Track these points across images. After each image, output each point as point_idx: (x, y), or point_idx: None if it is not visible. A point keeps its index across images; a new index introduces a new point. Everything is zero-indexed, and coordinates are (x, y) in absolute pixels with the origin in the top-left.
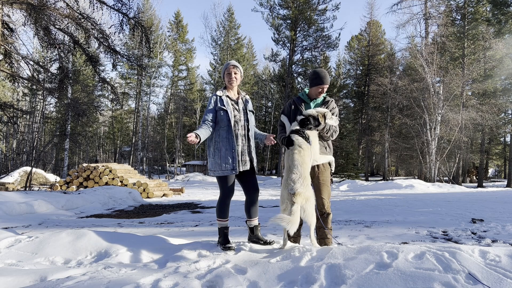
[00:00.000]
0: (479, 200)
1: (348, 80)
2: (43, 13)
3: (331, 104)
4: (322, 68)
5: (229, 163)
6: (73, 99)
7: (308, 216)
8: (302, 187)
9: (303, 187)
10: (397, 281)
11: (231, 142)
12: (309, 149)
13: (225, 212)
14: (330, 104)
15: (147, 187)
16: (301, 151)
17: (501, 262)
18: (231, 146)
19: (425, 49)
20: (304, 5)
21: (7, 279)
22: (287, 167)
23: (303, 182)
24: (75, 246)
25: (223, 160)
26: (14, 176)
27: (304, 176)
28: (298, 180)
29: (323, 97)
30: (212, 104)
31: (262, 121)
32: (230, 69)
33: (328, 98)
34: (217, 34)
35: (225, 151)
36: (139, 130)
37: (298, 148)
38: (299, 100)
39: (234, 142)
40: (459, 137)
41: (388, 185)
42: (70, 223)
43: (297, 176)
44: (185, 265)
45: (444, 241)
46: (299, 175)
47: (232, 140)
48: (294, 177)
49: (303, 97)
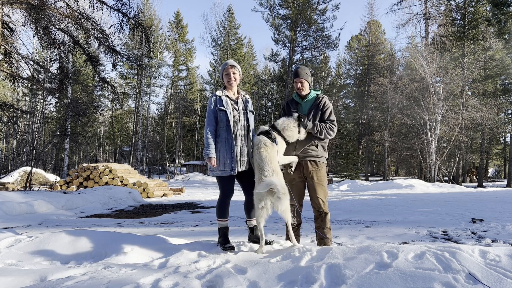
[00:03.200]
0: (479, 200)
1: (348, 80)
2: (43, 13)
3: (322, 100)
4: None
5: (228, 163)
6: (73, 99)
7: (285, 212)
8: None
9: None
10: (397, 281)
11: (230, 143)
12: (274, 147)
13: (225, 212)
14: (321, 101)
15: (147, 187)
16: (267, 148)
17: (501, 262)
18: (230, 147)
19: (425, 49)
20: (304, 5)
21: (7, 279)
22: (257, 166)
23: (278, 177)
24: (75, 246)
25: (222, 161)
26: (14, 176)
27: (276, 171)
28: (272, 176)
29: (315, 95)
30: (212, 104)
31: (262, 121)
32: (229, 69)
33: (320, 95)
34: (217, 34)
35: (224, 152)
36: (139, 130)
37: (264, 146)
38: (292, 101)
39: (233, 142)
40: (459, 137)
41: (388, 185)
42: (70, 223)
43: (269, 173)
44: (185, 265)
45: (444, 241)
46: (271, 172)
47: (231, 140)
48: (267, 174)
49: (296, 98)
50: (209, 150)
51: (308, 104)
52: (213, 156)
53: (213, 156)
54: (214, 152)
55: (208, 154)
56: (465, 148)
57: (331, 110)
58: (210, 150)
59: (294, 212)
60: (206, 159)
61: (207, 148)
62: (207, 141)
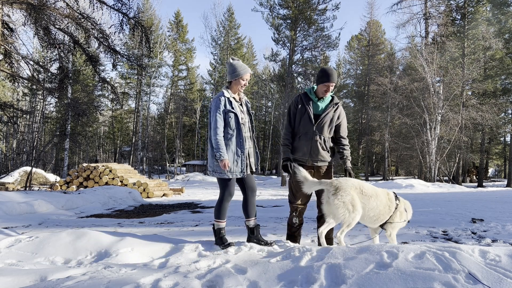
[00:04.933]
0: (479, 199)
1: (348, 80)
2: (43, 13)
3: (340, 108)
4: (330, 67)
5: (238, 166)
6: (73, 99)
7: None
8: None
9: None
10: (397, 281)
11: (241, 145)
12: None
13: (224, 213)
14: (339, 108)
15: (147, 187)
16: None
17: (501, 262)
18: (241, 149)
19: (425, 49)
20: (304, 5)
21: (7, 279)
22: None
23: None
24: (75, 246)
25: (233, 163)
26: (14, 176)
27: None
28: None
29: (331, 97)
30: (222, 105)
31: (262, 121)
32: (248, 76)
33: (336, 100)
34: (217, 34)
35: (233, 154)
36: (139, 130)
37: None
38: (307, 98)
39: (244, 145)
40: (459, 137)
41: (388, 185)
42: (70, 223)
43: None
44: (185, 265)
45: (444, 240)
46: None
47: (242, 143)
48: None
49: (311, 95)
50: (222, 153)
51: (323, 104)
52: (226, 158)
53: (226, 159)
54: (226, 155)
55: (221, 157)
56: (465, 148)
57: (344, 119)
58: (223, 152)
59: (297, 212)
60: (219, 161)
61: (219, 150)
62: (217, 143)
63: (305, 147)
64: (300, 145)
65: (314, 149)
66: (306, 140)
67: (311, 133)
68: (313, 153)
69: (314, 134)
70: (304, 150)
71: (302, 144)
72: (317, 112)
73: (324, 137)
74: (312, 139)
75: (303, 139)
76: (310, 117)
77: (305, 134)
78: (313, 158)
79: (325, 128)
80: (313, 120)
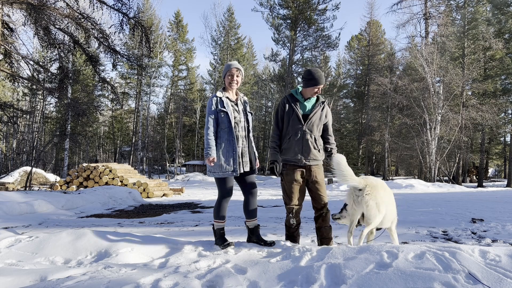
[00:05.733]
0: (479, 200)
1: (348, 80)
2: (43, 13)
3: (326, 107)
4: (316, 68)
5: (230, 164)
6: (73, 99)
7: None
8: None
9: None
10: (397, 281)
11: (232, 144)
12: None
13: (223, 214)
14: (325, 107)
15: (147, 187)
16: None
17: (501, 262)
18: (232, 148)
19: (425, 49)
20: (304, 5)
21: (7, 279)
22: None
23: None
24: (75, 246)
25: (224, 162)
26: (14, 176)
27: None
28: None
29: (317, 96)
30: (213, 105)
31: (262, 121)
32: (233, 71)
33: (322, 99)
34: (217, 34)
35: (226, 153)
36: (139, 130)
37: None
38: (293, 99)
39: (235, 144)
40: (459, 137)
41: (388, 185)
42: (70, 223)
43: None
44: (185, 265)
45: (444, 240)
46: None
47: (233, 142)
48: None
49: (297, 95)
50: (210, 151)
51: (309, 104)
52: (214, 156)
53: (213, 157)
54: (214, 153)
55: (209, 154)
56: (465, 148)
57: (331, 119)
58: (211, 150)
59: (293, 213)
60: (206, 159)
61: (208, 148)
62: (207, 141)
63: (296, 146)
64: (290, 145)
65: (306, 148)
66: (297, 139)
67: (301, 133)
68: (305, 152)
69: (305, 133)
70: (295, 150)
71: (293, 144)
72: (305, 112)
73: (315, 136)
74: (303, 138)
75: (294, 139)
76: (299, 117)
77: (295, 134)
78: (305, 157)
79: (314, 127)
80: (302, 120)
